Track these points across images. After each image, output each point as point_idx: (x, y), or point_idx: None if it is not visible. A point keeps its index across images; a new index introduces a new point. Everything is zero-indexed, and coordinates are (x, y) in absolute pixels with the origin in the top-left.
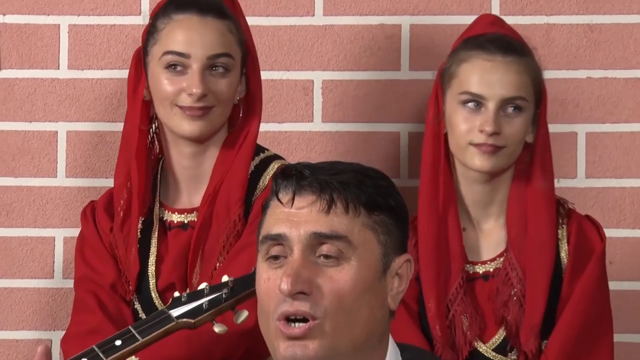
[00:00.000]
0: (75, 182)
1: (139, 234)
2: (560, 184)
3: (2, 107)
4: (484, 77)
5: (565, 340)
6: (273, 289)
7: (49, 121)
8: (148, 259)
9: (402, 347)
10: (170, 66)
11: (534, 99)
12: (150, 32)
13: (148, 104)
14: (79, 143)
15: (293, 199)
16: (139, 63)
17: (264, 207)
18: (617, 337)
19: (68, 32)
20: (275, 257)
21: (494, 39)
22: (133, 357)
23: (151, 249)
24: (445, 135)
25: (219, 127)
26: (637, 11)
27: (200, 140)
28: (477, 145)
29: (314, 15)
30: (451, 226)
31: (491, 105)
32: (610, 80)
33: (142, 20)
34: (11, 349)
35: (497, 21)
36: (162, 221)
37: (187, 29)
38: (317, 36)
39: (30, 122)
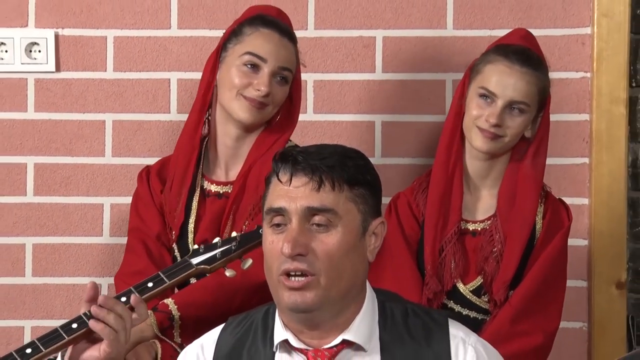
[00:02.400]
0: (119, 160)
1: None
2: None
3: (61, 101)
4: (501, 79)
5: (527, 292)
6: (276, 250)
7: (99, 112)
8: (189, 217)
9: (377, 291)
10: (248, 64)
11: (536, 105)
12: (235, 34)
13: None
14: (122, 130)
15: (290, 179)
16: (217, 57)
17: (267, 182)
18: None
19: (113, 42)
20: (278, 225)
21: (518, 51)
22: (170, 298)
23: (192, 210)
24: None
25: (265, 121)
26: (561, 26)
27: (247, 127)
28: (481, 129)
29: (307, 29)
30: (455, 185)
31: (500, 103)
32: None
33: (171, 33)
34: (69, 291)
35: (527, 36)
36: (202, 189)
37: (269, 40)
38: (309, 46)
39: (84, 113)
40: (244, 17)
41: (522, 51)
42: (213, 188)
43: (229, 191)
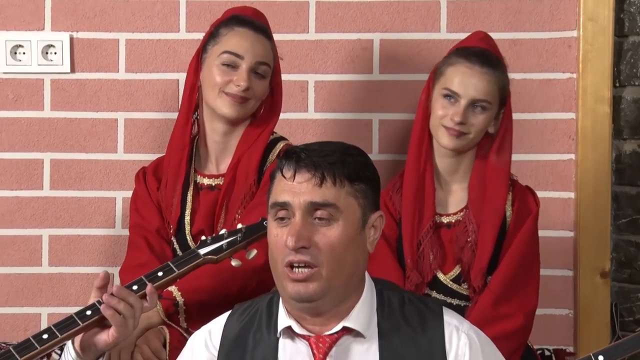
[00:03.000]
0: (130, 156)
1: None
2: None
3: (75, 100)
4: (463, 80)
5: (504, 277)
6: (281, 242)
7: (111, 111)
8: (185, 211)
9: (375, 280)
10: (226, 63)
11: (497, 102)
12: (212, 36)
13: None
14: (133, 128)
15: (294, 175)
16: (198, 60)
17: (272, 177)
18: None
19: (125, 45)
20: (282, 219)
21: (478, 52)
22: (173, 286)
23: (187, 203)
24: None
25: (249, 114)
26: (548, 29)
27: (233, 122)
28: (447, 128)
29: (308, 32)
30: (427, 182)
31: (463, 102)
32: (528, 81)
33: (180, 36)
34: (83, 280)
35: (485, 37)
36: (195, 183)
37: (244, 38)
38: (311, 48)
39: (97, 111)
40: (220, 19)
41: (481, 53)
42: (205, 181)
43: (221, 183)
